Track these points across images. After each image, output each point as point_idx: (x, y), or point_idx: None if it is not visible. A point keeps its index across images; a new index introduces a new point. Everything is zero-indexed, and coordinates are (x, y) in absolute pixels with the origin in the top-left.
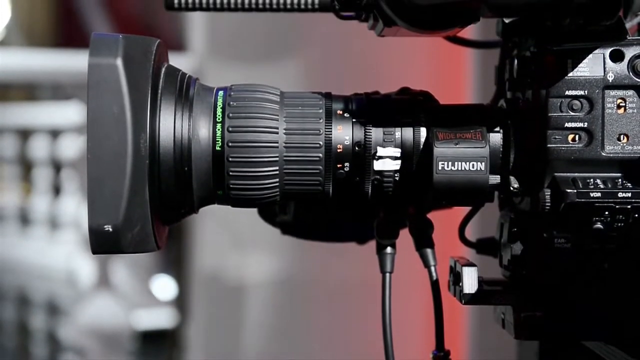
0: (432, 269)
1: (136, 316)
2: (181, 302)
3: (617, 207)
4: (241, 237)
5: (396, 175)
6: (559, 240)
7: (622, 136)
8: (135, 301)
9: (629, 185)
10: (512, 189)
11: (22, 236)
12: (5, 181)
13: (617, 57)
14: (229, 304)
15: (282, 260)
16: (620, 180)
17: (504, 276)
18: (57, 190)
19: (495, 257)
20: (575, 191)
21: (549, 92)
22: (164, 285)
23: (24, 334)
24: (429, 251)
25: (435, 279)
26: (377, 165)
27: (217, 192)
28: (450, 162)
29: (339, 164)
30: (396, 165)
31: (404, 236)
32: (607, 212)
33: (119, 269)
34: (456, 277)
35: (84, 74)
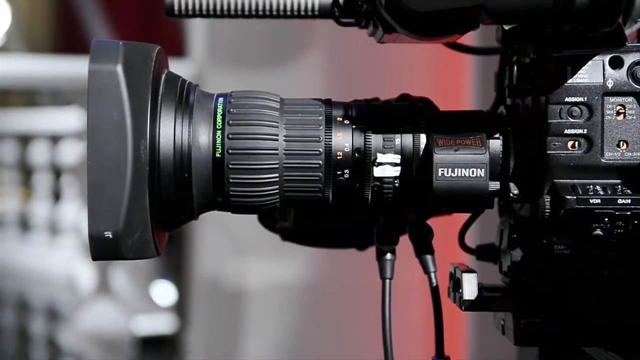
0: (432, 275)
1: (136, 322)
2: (181, 308)
3: (616, 213)
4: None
5: (396, 181)
6: (559, 246)
7: (621, 142)
8: (135, 307)
9: (629, 191)
10: (511, 195)
11: (22, 242)
12: (5, 187)
13: (616, 63)
14: (229, 310)
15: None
16: (619, 186)
17: (503, 282)
18: (57, 196)
19: (495, 263)
20: (574, 197)
21: (548, 98)
22: (164, 291)
23: (24, 339)
24: (428, 257)
25: (435, 285)
26: (377, 171)
27: (217, 199)
28: (450, 169)
29: (339, 170)
30: (396, 171)
31: (404, 242)
32: (606, 219)
33: (119, 274)
34: (456, 284)
35: (84, 79)
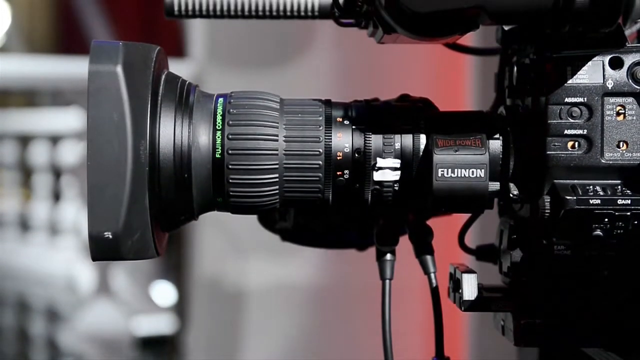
0: (432, 276)
1: (136, 322)
2: (181, 308)
3: (616, 214)
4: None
5: (395, 185)
6: (559, 247)
7: (621, 143)
8: (135, 307)
9: (629, 192)
10: (511, 195)
11: (21, 242)
12: (5, 187)
13: (616, 64)
14: (229, 310)
15: (281, 266)
16: (619, 187)
17: (503, 283)
18: (57, 196)
19: (495, 263)
20: (574, 198)
21: (548, 99)
22: (164, 291)
23: (24, 340)
24: (428, 258)
25: (435, 286)
26: (377, 176)
27: (217, 199)
28: (449, 169)
29: (339, 171)
30: (396, 176)
31: (404, 243)
32: (606, 219)
33: (119, 275)
34: (456, 284)
35: (83, 80)
